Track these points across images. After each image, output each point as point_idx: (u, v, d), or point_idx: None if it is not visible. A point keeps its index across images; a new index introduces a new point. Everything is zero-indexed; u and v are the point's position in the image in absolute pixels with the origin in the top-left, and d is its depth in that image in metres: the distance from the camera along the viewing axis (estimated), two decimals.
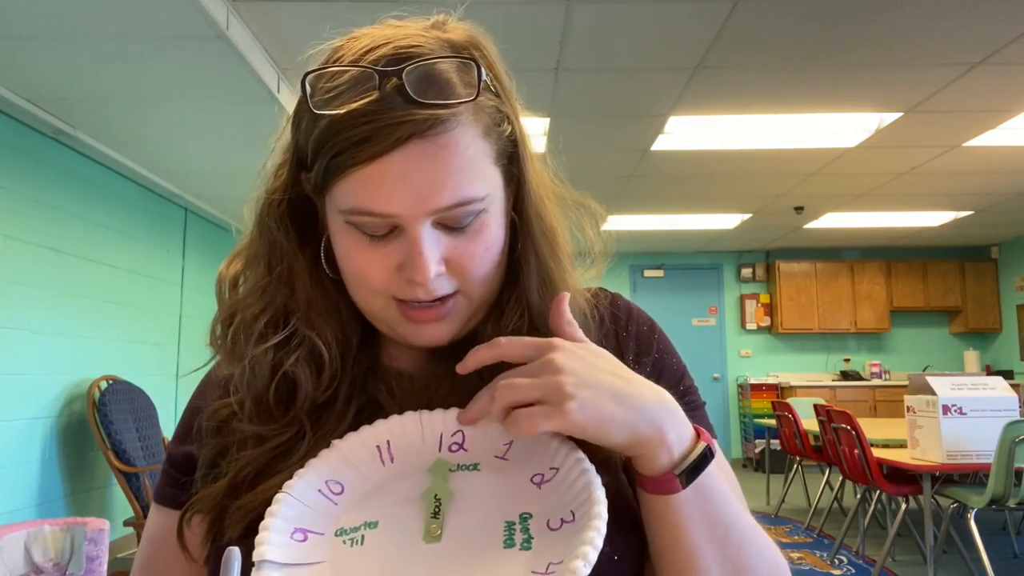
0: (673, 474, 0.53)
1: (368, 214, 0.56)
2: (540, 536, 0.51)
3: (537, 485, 0.54)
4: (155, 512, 0.69)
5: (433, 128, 0.54)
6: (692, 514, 0.54)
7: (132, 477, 3.96)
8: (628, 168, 5.08)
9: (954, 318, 8.53)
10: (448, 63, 0.57)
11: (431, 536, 0.52)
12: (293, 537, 0.53)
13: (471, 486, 0.55)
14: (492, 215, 0.60)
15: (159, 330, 5.19)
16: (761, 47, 3.26)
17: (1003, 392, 3.19)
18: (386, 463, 0.57)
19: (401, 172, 0.54)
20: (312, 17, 2.86)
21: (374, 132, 0.53)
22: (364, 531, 0.53)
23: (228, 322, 0.65)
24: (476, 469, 0.56)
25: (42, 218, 3.93)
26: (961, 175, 5.37)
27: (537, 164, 0.66)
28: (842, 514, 5.07)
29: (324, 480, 0.56)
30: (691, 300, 8.60)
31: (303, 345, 0.62)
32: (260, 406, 0.62)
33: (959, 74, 3.56)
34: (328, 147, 0.55)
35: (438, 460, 0.57)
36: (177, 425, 0.71)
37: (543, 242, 0.64)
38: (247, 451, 0.60)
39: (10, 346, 3.68)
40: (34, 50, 3.07)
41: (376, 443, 0.58)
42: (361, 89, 0.55)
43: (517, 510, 0.53)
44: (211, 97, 3.55)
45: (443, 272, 0.58)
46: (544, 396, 0.51)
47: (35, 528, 0.48)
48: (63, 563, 0.48)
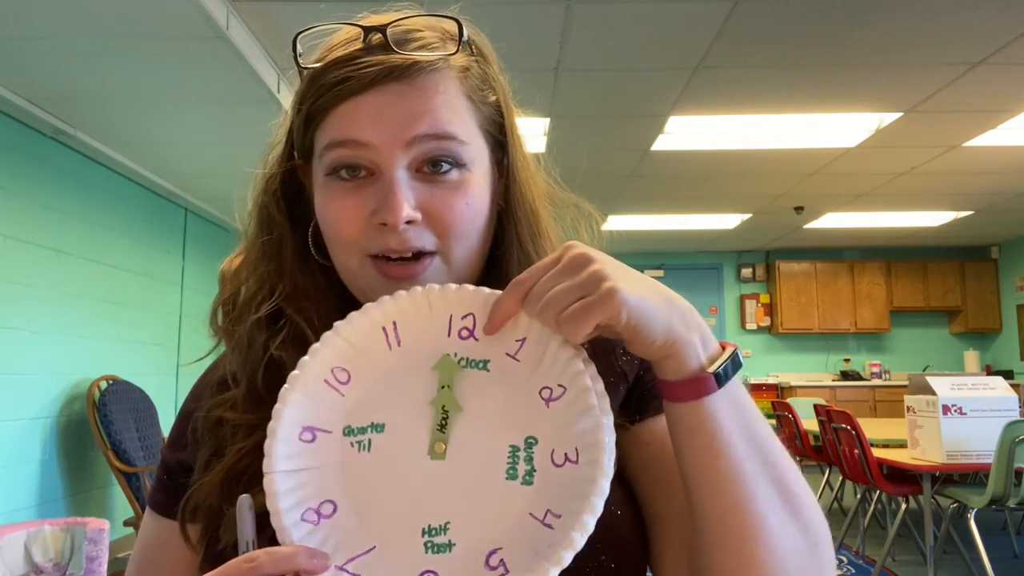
0: (707, 373, 0.49)
1: (342, 144, 0.57)
2: (542, 471, 0.50)
3: (545, 402, 0.52)
4: (149, 518, 0.69)
5: (410, 71, 0.57)
6: (729, 422, 0.50)
7: (132, 477, 3.96)
8: (628, 168, 5.08)
9: (954, 318, 8.53)
10: (432, 22, 0.60)
11: (436, 453, 0.52)
12: (301, 438, 0.52)
13: (478, 394, 0.53)
14: (475, 176, 0.60)
15: (159, 330, 5.19)
16: (761, 47, 3.26)
17: (1003, 392, 3.19)
18: (393, 346, 0.55)
19: (376, 107, 0.56)
20: (312, 17, 2.84)
21: (352, 73, 0.56)
22: (371, 434, 0.53)
23: (227, 305, 0.66)
24: (485, 368, 0.54)
25: (42, 218, 3.93)
26: (961, 175, 5.37)
27: (526, 156, 0.66)
28: (842, 514, 5.07)
29: (330, 368, 0.54)
30: (691, 300, 8.17)
31: (289, 328, 0.62)
32: (252, 391, 0.61)
33: (959, 74, 3.56)
34: (310, 95, 0.58)
35: (444, 357, 0.54)
36: (171, 430, 0.71)
37: (527, 230, 0.64)
38: (240, 442, 0.60)
39: (10, 346, 3.68)
40: (34, 50, 3.07)
41: (383, 324, 0.55)
42: (347, 43, 0.58)
43: (523, 432, 0.52)
44: (211, 97, 3.55)
45: (418, 220, 0.57)
46: (585, 290, 0.48)
47: (35, 528, 0.48)
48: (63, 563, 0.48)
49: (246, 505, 0.48)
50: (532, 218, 0.65)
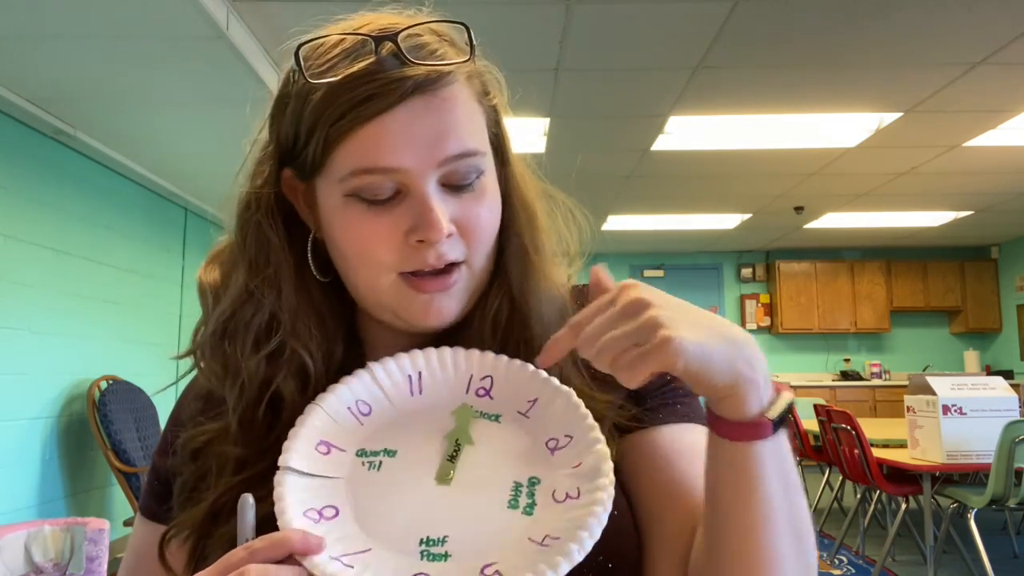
0: (765, 419, 0.49)
1: (373, 171, 0.55)
2: (544, 506, 0.52)
3: (551, 451, 0.55)
4: (140, 524, 0.68)
5: (434, 83, 0.55)
6: (771, 465, 0.50)
7: (132, 477, 3.96)
8: (628, 168, 5.08)
9: (954, 318, 8.53)
10: (440, 28, 0.59)
11: (443, 478, 0.54)
12: (317, 449, 0.55)
13: (490, 439, 0.57)
14: (490, 180, 0.60)
15: (159, 330, 5.19)
16: (761, 47, 3.26)
17: (1003, 392, 3.19)
18: (415, 394, 0.59)
19: (406, 125, 0.54)
20: (312, 17, 2.85)
21: (377, 90, 0.54)
22: (383, 457, 0.56)
23: (216, 330, 0.62)
24: (497, 420, 0.58)
25: (42, 218, 3.93)
26: (961, 175, 5.37)
27: (516, 153, 0.66)
28: (842, 514, 5.07)
29: (355, 399, 0.58)
30: (691, 300, 8.06)
31: (289, 358, 0.60)
32: (246, 425, 0.60)
33: (959, 74, 3.56)
34: (327, 115, 0.55)
35: (463, 404, 0.58)
36: (162, 435, 0.70)
37: (524, 222, 0.64)
38: (226, 477, 0.58)
39: (10, 346, 3.68)
40: (34, 50, 3.07)
41: (409, 372, 0.60)
42: (357, 56, 0.55)
43: (527, 472, 0.54)
44: (211, 97, 3.55)
45: (454, 233, 0.57)
46: (639, 337, 0.47)
47: (35, 528, 0.48)
48: (63, 563, 0.48)
49: (248, 504, 0.49)
50: (528, 211, 0.65)
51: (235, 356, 0.60)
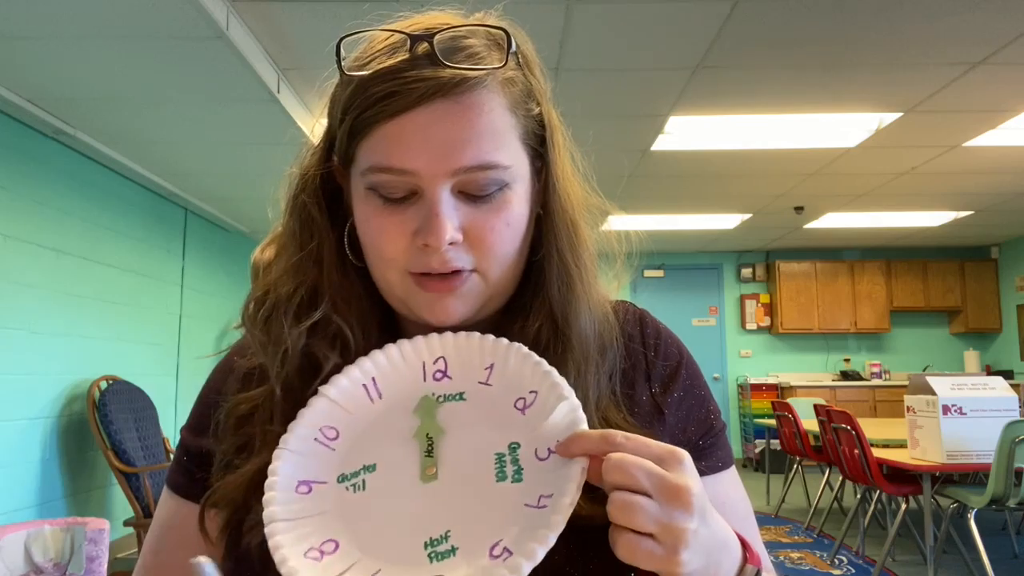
0: None
1: (387, 170, 0.55)
2: (529, 467, 0.52)
3: (521, 411, 0.55)
4: (168, 498, 0.69)
5: (459, 88, 0.55)
6: None
7: (132, 477, 3.96)
8: (628, 168, 5.08)
9: (954, 318, 8.53)
10: (480, 33, 0.58)
11: (427, 476, 0.54)
12: (298, 491, 0.55)
13: (459, 419, 0.56)
14: (516, 194, 0.59)
15: (159, 330, 5.19)
16: (761, 47, 3.26)
17: (1003, 392, 3.19)
18: (375, 400, 0.59)
19: (423, 129, 0.54)
20: (312, 17, 2.86)
21: (399, 88, 0.54)
22: (364, 475, 0.55)
23: (261, 301, 0.64)
24: (462, 399, 0.57)
25: (42, 218, 3.93)
26: (961, 175, 5.37)
27: (566, 165, 0.65)
28: (842, 514, 5.07)
29: (318, 428, 0.57)
30: (691, 300, 8.60)
31: (331, 329, 0.62)
32: (287, 392, 0.61)
33: (959, 74, 3.56)
34: (354, 106, 0.56)
35: (423, 398, 0.58)
36: (191, 413, 0.70)
37: (566, 240, 0.63)
38: (269, 445, 0.59)
39: (10, 346, 3.68)
40: (34, 50, 3.07)
41: (363, 382, 0.59)
42: (394, 52, 0.56)
43: (505, 440, 0.54)
44: (211, 97, 3.55)
45: (459, 241, 0.57)
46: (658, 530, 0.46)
47: (35, 528, 0.48)
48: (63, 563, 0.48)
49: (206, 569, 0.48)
50: (571, 228, 0.64)
51: (279, 325, 0.62)
